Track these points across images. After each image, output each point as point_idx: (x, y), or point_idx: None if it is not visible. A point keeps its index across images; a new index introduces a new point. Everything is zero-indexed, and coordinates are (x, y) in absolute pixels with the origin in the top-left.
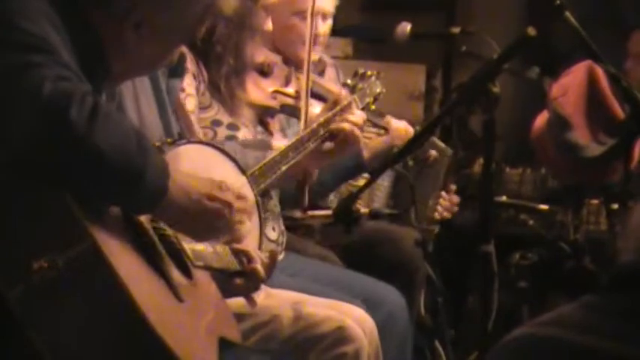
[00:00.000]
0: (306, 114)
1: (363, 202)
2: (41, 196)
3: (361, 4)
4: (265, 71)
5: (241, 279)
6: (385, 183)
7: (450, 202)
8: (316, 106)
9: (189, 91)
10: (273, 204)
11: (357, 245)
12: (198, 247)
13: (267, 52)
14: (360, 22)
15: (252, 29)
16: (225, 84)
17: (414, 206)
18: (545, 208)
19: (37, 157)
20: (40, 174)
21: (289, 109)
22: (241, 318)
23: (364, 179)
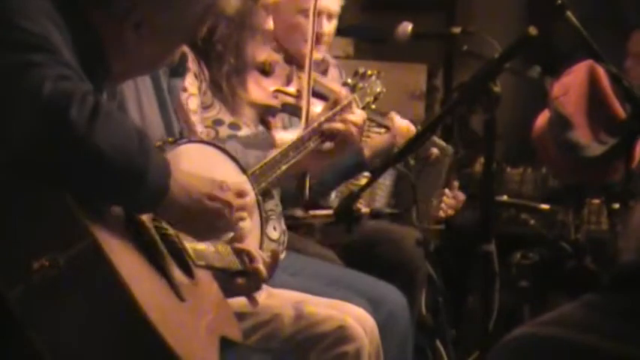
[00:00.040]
0: (308, 113)
1: (364, 201)
2: (41, 196)
3: (362, 3)
4: (266, 70)
5: (243, 278)
6: (387, 182)
7: (455, 199)
8: (317, 105)
9: (192, 91)
10: (274, 203)
11: (358, 244)
12: (199, 246)
13: (268, 51)
14: (361, 22)
15: (253, 28)
16: (227, 83)
17: (415, 206)
18: (546, 207)
19: (38, 156)
20: (41, 174)
21: (290, 108)
22: (242, 317)
23: (365, 178)
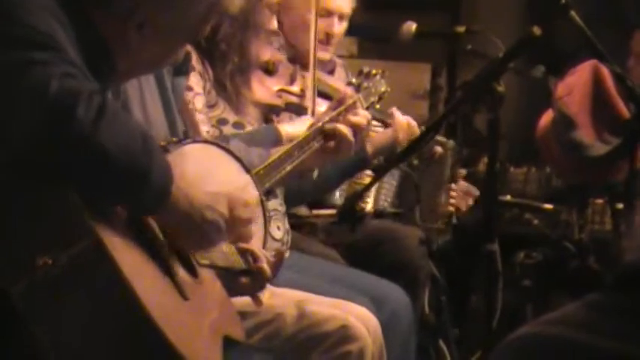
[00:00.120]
0: (313, 112)
1: (369, 200)
2: (44, 194)
3: (366, 3)
4: (270, 69)
5: (247, 278)
6: (393, 182)
7: (461, 190)
8: (322, 105)
9: (197, 90)
10: (278, 203)
11: (362, 244)
12: None
13: (272, 50)
14: (365, 21)
15: (257, 27)
16: (231, 82)
17: (418, 205)
18: (550, 207)
19: (42, 155)
20: (44, 172)
21: (294, 107)
22: (245, 316)
23: (369, 177)
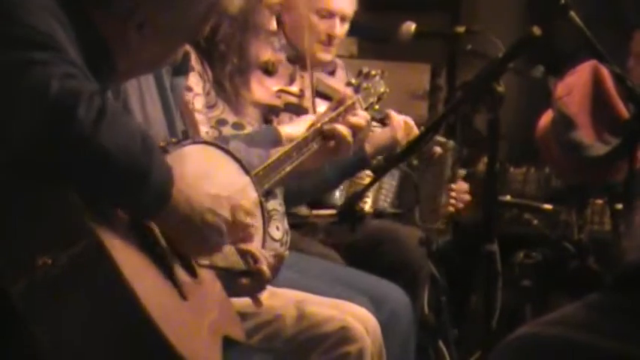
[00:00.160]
0: (314, 113)
1: (369, 200)
2: (45, 194)
3: (365, 3)
4: (270, 70)
5: (247, 279)
6: (393, 182)
7: (459, 190)
8: (321, 105)
9: (196, 91)
10: (277, 203)
11: (362, 244)
12: None
13: (271, 50)
14: (365, 22)
15: (256, 28)
16: (230, 83)
17: (418, 205)
18: (549, 207)
19: (43, 155)
20: (45, 172)
21: (293, 107)
22: (244, 317)
23: (370, 177)
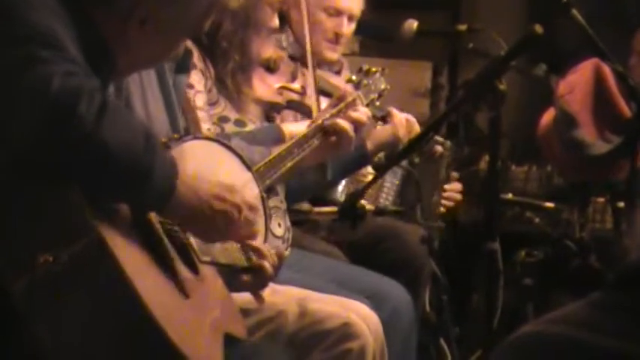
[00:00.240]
0: (318, 109)
1: (370, 198)
2: (45, 194)
3: (368, 1)
4: (271, 67)
5: (248, 275)
6: (395, 180)
7: (452, 190)
8: (322, 103)
9: (198, 88)
10: (279, 200)
11: (363, 241)
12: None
13: (273, 47)
14: (367, 20)
15: (258, 26)
16: (232, 80)
17: (419, 203)
18: (551, 205)
19: (45, 153)
20: (47, 170)
21: (295, 104)
22: (246, 313)
23: (372, 175)
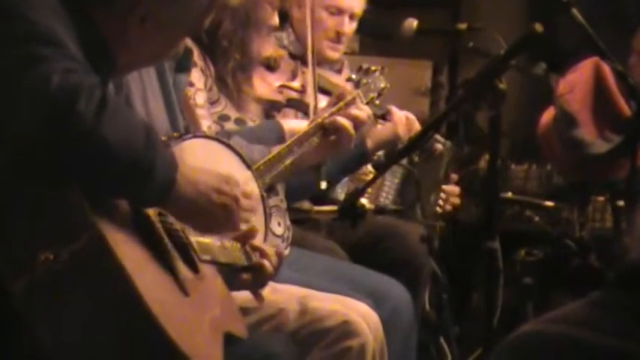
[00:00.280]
0: (315, 108)
1: (371, 197)
2: (45, 194)
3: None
4: (272, 66)
5: (248, 274)
6: (395, 179)
7: (451, 193)
8: (322, 101)
9: (199, 86)
10: (279, 199)
11: (364, 240)
12: (205, 240)
13: (273, 46)
14: (367, 18)
15: (258, 24)
16: (232, 79)
17: (419, 202)
18: (551, 204)
19: (45, 151)
20: (47, 167)
21: (295, 103)
22: (247, 312)
23: (372, 174)
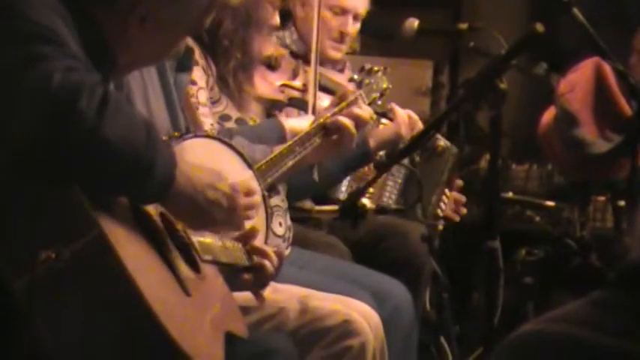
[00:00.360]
0: (314, 106)
1: (373, 197)
2: (49, 188)
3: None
4: (273, 65)
5: (249, 274)
6: (398, 179)
7: (456, 201)
8: (324, 99)
9: (201, 84)
10: (280, 199)
11: (365, 240)
12: (206, 240)
13: (274, 45)
14: (368, 18)
15: (259, 24)
16: (234, 79)
17: (420, 203)
18: (552, 204)
19: (47, 149)
20: (48, 165)
21: (297, 102)
22: (247, 311)
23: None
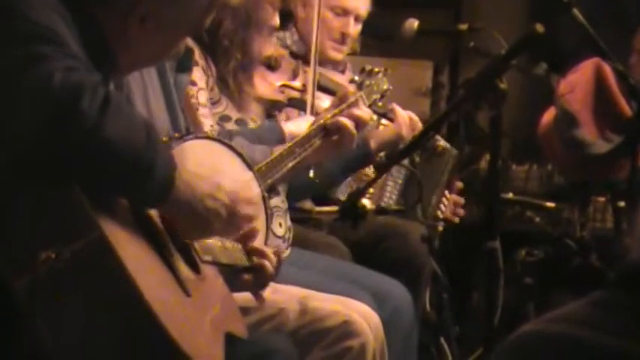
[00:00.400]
0: (312, 106)
1: (373, 197)
2: (49, 188)
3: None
4: (272, 65)
5: (249, 275)
6: (398, 180)
7: (455, 203)
8: (325, 100)
9: (201, 85)
10: (280, 200)
11: (365, 240)
12: (206, 241)
13: (274, 45)
14: (368, 19)
15: (259, 24)
16: (233, 79)
17: (421, 202)
18: (552, 205)
19: (47, 150)
20: (49, 165)
21: (296, 102)
22: (247, 311)
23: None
